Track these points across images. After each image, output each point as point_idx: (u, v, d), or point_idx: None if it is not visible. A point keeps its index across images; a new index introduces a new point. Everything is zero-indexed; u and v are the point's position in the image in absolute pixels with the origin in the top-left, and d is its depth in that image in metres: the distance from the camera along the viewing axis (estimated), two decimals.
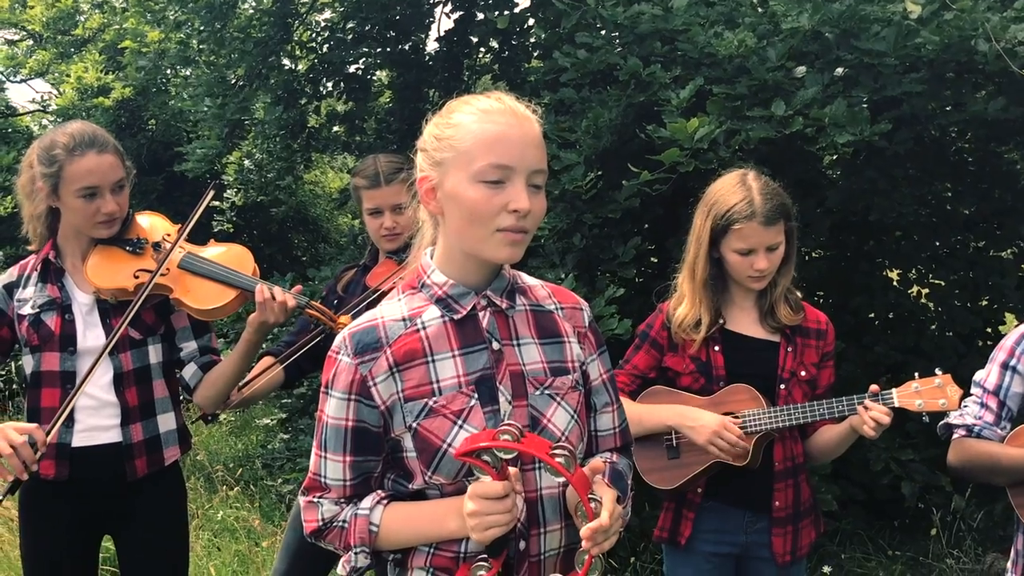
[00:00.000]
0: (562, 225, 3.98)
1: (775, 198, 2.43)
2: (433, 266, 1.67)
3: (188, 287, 2.54)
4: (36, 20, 8.61)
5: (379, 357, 1.60)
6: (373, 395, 1.60)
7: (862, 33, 3.66)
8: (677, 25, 3.99)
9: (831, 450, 2.51)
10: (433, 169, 1.61)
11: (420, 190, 1.64)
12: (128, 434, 2.52)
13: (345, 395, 1.61)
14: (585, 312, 1.79)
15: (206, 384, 2.62)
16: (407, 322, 1.64)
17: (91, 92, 8.10)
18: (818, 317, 2.56)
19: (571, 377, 1.69)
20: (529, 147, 1.57)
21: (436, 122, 1.64)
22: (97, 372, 2.45)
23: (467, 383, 1.60)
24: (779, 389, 2.47)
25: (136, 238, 2.57)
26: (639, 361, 2.60)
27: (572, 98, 4.20)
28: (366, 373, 1.60)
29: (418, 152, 1.67)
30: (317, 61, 6.47)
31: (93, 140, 2.45)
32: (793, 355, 2.49)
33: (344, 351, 1.62)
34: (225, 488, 5.11)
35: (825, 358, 2.54)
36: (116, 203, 2.48)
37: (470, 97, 1.64)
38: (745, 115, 3.61)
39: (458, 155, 1.57)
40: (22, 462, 2.24)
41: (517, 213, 1.54)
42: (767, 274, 2.44)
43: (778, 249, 2.44)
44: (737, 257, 2.44)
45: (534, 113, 1.63)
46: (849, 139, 3.43)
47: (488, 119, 1.57)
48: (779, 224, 2.42)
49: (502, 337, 1.65)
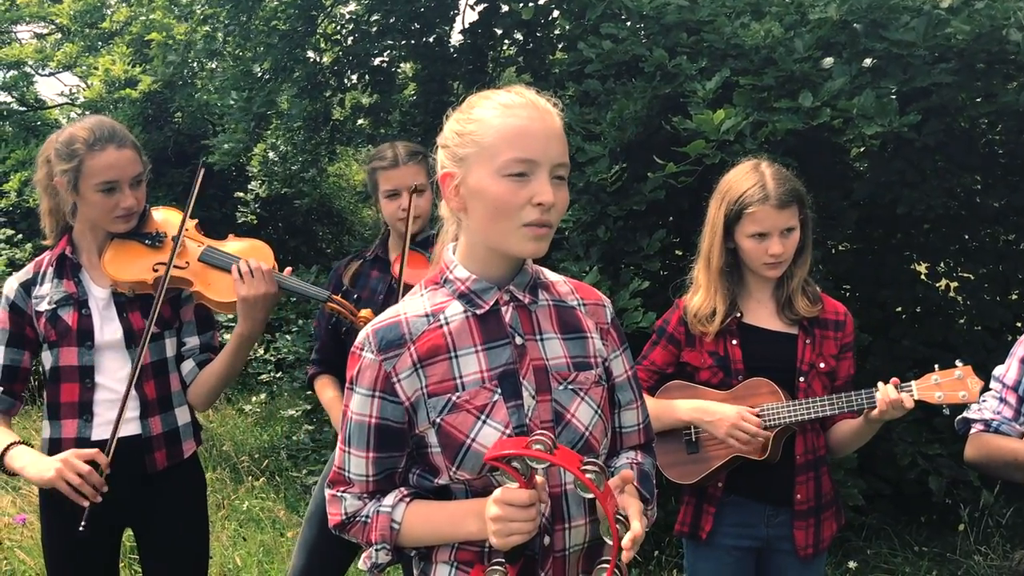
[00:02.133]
0: (586, 217, 3.97)
1: (788, 183, 2.43)
2: (455, 261, 1.68)
3: (208, 280, 2.54)
4: (64, 13, 8.68)
5: (403, 353, 1.61)
6: (397, 391, 1.61)
7: (890, 23, 3.62)
8: (703, 16, 3.96)
9: (850, 443, 2.50)
10: (455, 165, 1.61)
11: (443, 187, 1.64)
12: (148, 427, 2.53)
13: (369, 392, 1.62)
14: (607, 308, 1.79)
15: (199, 382, 2.62)
16: (430, 318, 1.64)
17: (118, 84, 8.16)
18: (836, 308, 2.54)
19: (594, 372, 1.69)
20: (552, 140, 1.57)
21: (457, 118, 1.64)
22: (114, 364, 2.48)
23: (490, 378, 1.60)
24: (798, 382, 2.45)
25: (154, 232, 2.58)
26: (656, 357, 2.59)
27: (597, 90, 4.18)
28: (390, 369, 1.61)
29: (439, 149, 1.67)
30: (342, 53, 6.48)
31: (112, 135, 2.47)
32: (812, 347, 2.47)
33: (368, 347, 1.63)
34: (251, 479, 5.15)
35: (844, 349, 2.51)
36: (135, 198, 2.48)
37: (490, 92, 1.64)
38: (772, 106, 3.58)
39: (481, 150, 1.57)
40: (92, 487, 2.32)
41: (542, 206, 1.54)
42: (782, 260, 2.43)
43: (793, 235, 2.42)
44: (751, 243, 2.43)
45: (555, 106, 1.62)
46: (877, 130, 3.40)
47: (510, 113, 1.57)
48: (792, 208, 2.40)
49: (525, 332, 1.65)
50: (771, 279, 2.49)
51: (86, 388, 2.49)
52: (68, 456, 2.33)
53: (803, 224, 2.46)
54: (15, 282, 2.56)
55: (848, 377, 2.51)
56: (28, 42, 10.14)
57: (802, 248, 2.48)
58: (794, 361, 2.46)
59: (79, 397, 2.48)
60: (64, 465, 2.31)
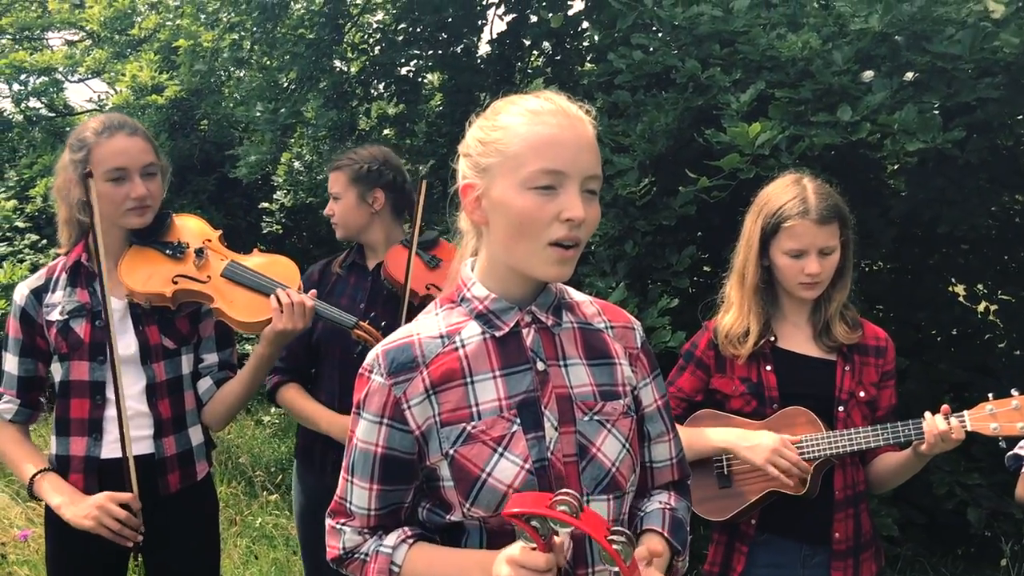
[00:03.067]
0: (614, 232, 3.86)
1: (830, 199, 2.30)
2: (474, 279, 1.56)
3: (230, 298, 2.44)
4: (94, 20, 8.69)
5: (414, 378, 1.49)
6: (407, 419, 1.49)
7: (934, 36, 3.48)
8: (738, 27, 3.84)
9: (893, 478, 2.35)
10: (478, 176, 1.50)
11: (463, 199, 1.53)
12: (161, 448, 2.43)
13: (377, 418, 1.50)
14: (637, 332, 1.66)
15: (216, 400, 2.52)
16: (445, 339, 1.53)
17: (145, 91, 8.14)
18: (877, 333, 2.40)
19: (622, 402, 1.57)
20: (583, 150, 1.45)
21: (480, 124, 1.53)
22: (127, 381, 2.37)
23: (509, 407, 1.48)
24: (837, 412, 2.31)
25: (176, 241, 2.47)
26: (684, 383, 2.45)
27: (626, 101, 4.07)
28: (400, 395, 1.49)
29: (460, 158, 1.55)
30: (368, 63, 6.42)
31: (123, 123, 2.38)
32: (851, 375, 2.33)
33: (377, 370, 1.51)
34: (265, 494, 5.05)
35: (885, 378, 2.37)
36: (146, 188, 2.37)
37: (517, 97, 1.52)
38: (809, 120, 3.45)
39: (505, 160, 1.45)
40: (133, 529, 2.28)
41: (570, 222, 1.42)
42: (820, 282, 2.29)
43: (832, 256, 2.29)
44: (787, 260, 2.30)
45: (587, 114, 1.50)
46: (920, 146, 3.26)
47: (538, 120, 1.45)
48: (833, 226, 2.27)
49: (548, 357, 1.53)
50: (807, 301, 2.36)
51: (97, 404, 2.37)
52: (104, 502, 2.25)
53: (844, 245, 2.32)
54: (26, 289, 2.43)
55: (890, 407, 2.37)
56: (59, 48, 10.16)
57: (842, 271, 2.34)
58: (832, 389, 2.31)
59: (89, 414, 2.37)
60: (101, 512, 2.24)
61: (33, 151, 8.90)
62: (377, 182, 2.94)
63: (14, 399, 2.41)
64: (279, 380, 2.96)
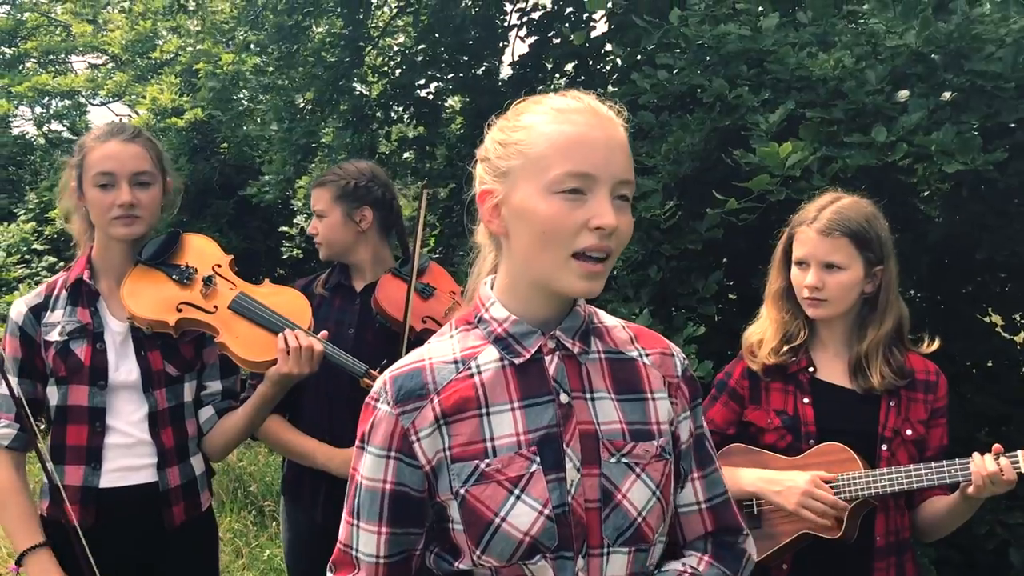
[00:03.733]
0: (637, 256, 3.73)
1: (851, 216, 2.16)
2: (493, 298, 1.42)
3: (236, 332, 2.31)
4: (116, 43, 8.71)
5: (424, 406, 1.35)
6: (416, 453, 1.35)
7: (973, 54, 3.34)
8: (766, 45, 3.72)
9: (942, 525, 2.18)
10: (497, 181, 1.36)
11: (480, 206, 1.40)
12: (165, 479, 2.30)
13: (384, 452, 1.36)
14: (677, 359, 1.50)
15: (216, 433, 2.40)
16: (459, 365, 1.39)
17: (166, 113, 8.14)
18: (927, 367, 2.24)
19: (655, 444, 1.40)
20: (614, 152, 1.31)
21: (501, 126, 1.40)
22: (129, 407, 2.25)
23: (528, 443, 1.34)
24: (880, 451, 2.14)
25: (184, 265, 2.35)
26: (716, 415, 2.31)
27: (651, 123, 3.96)
28: (408, 425, 1.35)
29: (478, 163, 1.42)
30: (389, 86, 6.35)
31: (122, 129, 2.28)
32: (897, 411, 2.16)
33: (383, 398, 1.38)
34: (275, 524, 4.91)
35: (935, 415, 2.20)
36: (134, 196, 2.24)
37: (542, 96, 1.40)
38: (842, 141, 3.32)
39: (528, 162, 1.32)
40: None
41: (601, 231, 1.28)
42: (824, 300, 2.17)
43: (840, 275, 2.15)
44: (795, 272, 2.22)
45: (618, 115, 1.37)
46: (959, 168, 3.12)
47: (564, 119, 1.32)
48: (840, 241, 2.15)
49: (573, 388, 1.38)
50: (841, 328, 2.22)
51: (96, 432, 2.25)
52: None
53: (872, 273, 2.18)
54: (23, 306, 2.30)
55: (940, 449, 2.19)
56: (82, 72, 10.23)
57: (874, 302, 2.20)
58: (875, 426, 2.15)
59: (87, 441, 2.25)
60: None
61: (54, 174, 8.90)
62: (365, 199, 2.78)
63: (12, 423, 2.29)
64: None
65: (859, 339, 2.20)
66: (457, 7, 5.49)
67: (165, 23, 8.58)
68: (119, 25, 8.61)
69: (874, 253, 2.18)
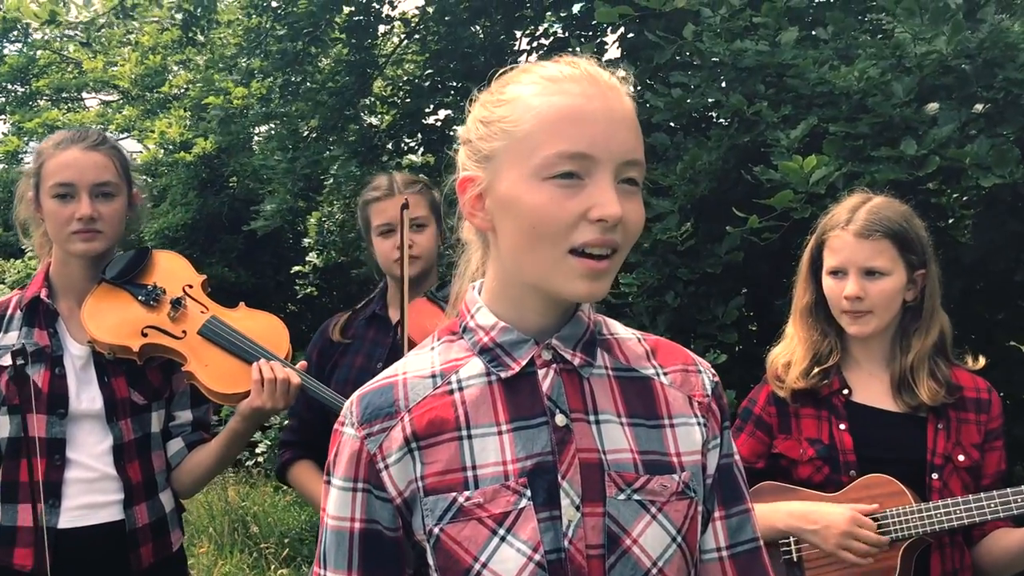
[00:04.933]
0: (653, 281, 3.53)
1: (889, 216, 1.95)
2: (480, 303, 1.20)
3: (205, 360, 2.11)
4: (125, 77, 8.65)
5: (392, 426, 1.14)
6: (384, 482, 1.14)
7: (1007, 63, 3.16)
8: (786, 59, 3.56)
9: (1010, 562, 1.91)
10: (479, 166, 1.15)
11: (462, 198, 1.18)
12: (132, 517, 2.10)
13: (349, 483, 1.15)
14: (705, 376, 1.26)
15: (184, 470, 2.20)
16: (437, 379, 1.17)
17: (174, 148, 8.05)
18: (977, 384, 2.01)
19: (676, 478, 1.16)
20: (617, 127, 1.10)
21: (484, 101, 1.19)
22: (91, 439, 2.05)
23: (516, 473, 1.11)
24: (930, 480, 1.91)
25: (152, 285, 2.16)
26: (742, 447, 2.06)
27: (664, 144, 3.79)
28: (375, 450, 1.14)
29: (460, 148, 1.21)
30: (398, 116, 6.23)
31: (84, 136, 2.11)
32: (946, 434, 1.94)
33: (348, 420, 1.17)
34: (275, 568, 4.69)
35: (990, 437, 1.98)
36: (95, 209, 2.06)
37: (532, 64, 1.19)
38: (869, 156, 3.13)
39: (513, 143, 1.11)
40: None
41: (603, 223, 1.07)
42: (866, 312, 1.94)
43: (882, 281, 1.93)
44: (829, 283, 1.99)
45: (623, 82, 1.15)
46: (996, 182, 2.93)
47: (556, 89, 1.11)
48: (881, 243, 1.93)
49: (572, 408, 1.15)
50: (878, 344, 2.00)
51: (54, 465, 2.05)
52: None
53: (914, 278, 1.97)
54: None
55: (998, 475, 1.96)
56: (93, 108, 10.19)
57: (919, 311, 1.98)
58: (923, 452, 1.92)
59: (45, 476, 2.04)
60: None
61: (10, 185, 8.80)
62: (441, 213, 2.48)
63: None
64: (290, 456, 2.53)
65: (903, 351, 1.98)
66: (466, 32, 5.36)
67: (175, 57, 8.50)
68: (127, 59, 8.55)
69: (916, 255, 1.97)
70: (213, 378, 2.09)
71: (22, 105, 10.12)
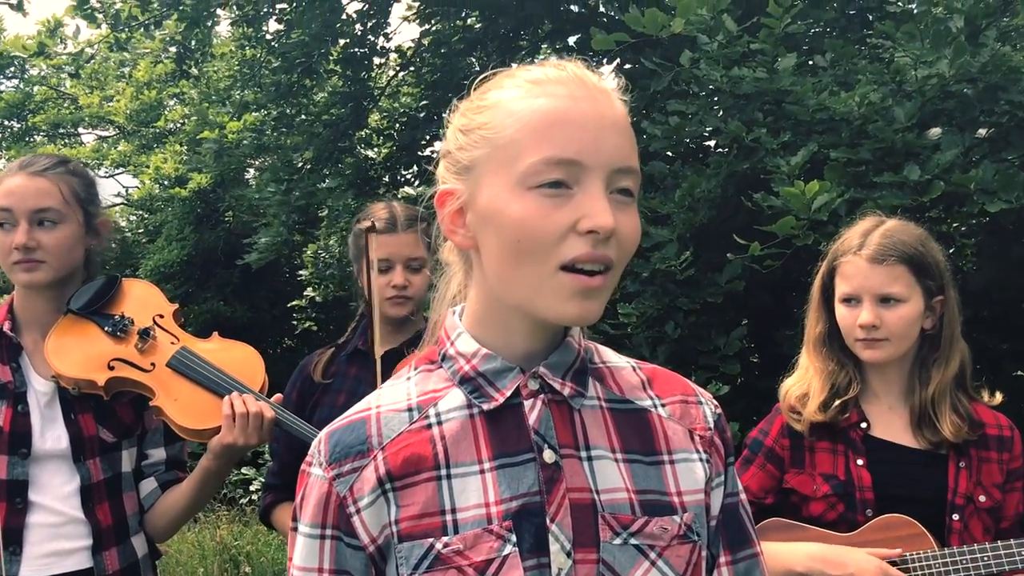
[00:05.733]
0: (652, 311, 3.46)
1: (904, 239, 1.85)
2: (460, 329, 1.10)
3: (175, 394, 1.98)
4: (120, 113, 8.65)
5: (365, 466, 1.03)
6: (355, 528, 1.03)
7: (1011, 86, 3.11)
8: (784, 85, 3.51)
9: None
10: (459, 178, 1.05)
11: (441, 213, 1.07)
12: (101, 564, 1.95)
13: (317, 529, 1.05)
14: (707, 407, 1.14)
15: (157, 512, 2.06)
16: (414, 412, 1.06)
17: (170, 182, 8.03)
18: (999, 420, 1.91)
19: (677, 520, 1.05)
20: (608, 131, 1.00)
21: (465, 109, 1.09)
22: (56, 480, 1.93)
23: (501, 516, 1.00)
24: (950, 521, 1.81)
25: (120, 315, 2.04)
26: (751, 481, 1.95)
27: (663, 172, 3.73)
28: (345, 492, 1.03)
29: (440, 160, 1.12)
30: (395, 148, 6.21)
31: (32, 162, 1.99)
32: (968, 473, 1.84)
33: (316, 459, 1.07)
34: None
35: (1012, 477, 1.87)
36: (34, 237, 1.94)
37: (515, 68, 1.09)
38: (872, 182, 3.07)
39: (495, 150, 1.01)
40: None
41: (594, 235, 0.97)
42: (882, 339, 1.84)
43: (899, 308, 1.83)
44: (842, 311, 1.88)
45: (616, 87, 1.06)
46: (1003, 207, 2.86)
47: (541, 92, 1.01)
48: (896, 268, 1.83)
49: (562, 442, 1.04)
50: (896, 376, 1.91)
51: (16, 509, 1.90)
52: None
53: (931, 304, 1.87)
54: None
55: (1018, 517, 1.86)
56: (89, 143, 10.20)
57: (938, 340, 1.89)
58: (944, 491, 1.81)
59: (5, 521, 1.89)
60: None
61: None
62: None
63: None
64: (272, 499, 2.41)
65: (922, 383, 1.88)
66: (461, 63, 5.34)
67: (170, 90, 8.52)
68: (121, 92, 8.56)
69: (933, 281, 1.88)
70: (182, 413, 1.97)
71: (18, 140, 10.12)
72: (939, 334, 1.88)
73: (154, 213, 8.91)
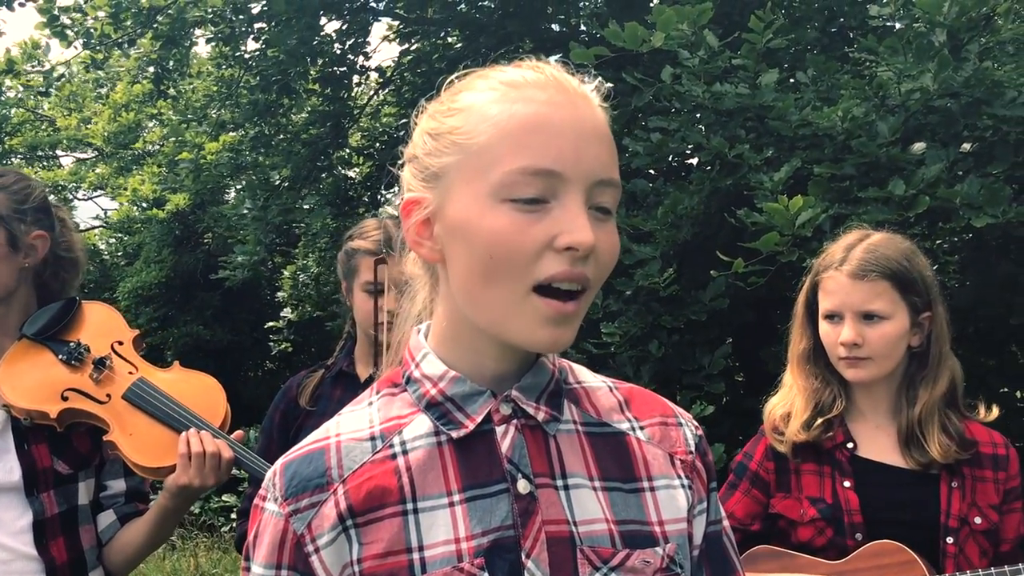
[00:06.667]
0: (635, 330, 3.40)
1: (887, 254, 1.79)
2: (426, 349, 1.03)
3: (130, 428, 1.88)
4: (98, 135, 8.57)
5: (324, 500, 0.96)
6: (314, 569, 0.95)
7: (994, 100, 3.08)
8: (766, 101, 3.47)
9: None
10: (427, 186, 0.98)
11: (406, 224, 1.00)
12: None
13: (271, 570, 0.97)
14: (687, 428, 1.08)
15: (115, 548, 1.95)
16: (377, 441, 0.99)
17: (148, 204, 7.95)
18: (992, 438, 1.84)
19: (660, 552, 0.99)
20: (588, 141, 0.93)
21: (434, 111, 1.01)
22: (8, 515, 1.82)
23: (472, 552, 0.93)
24: (944, 545, 1.74)
25: (76, 342, 1.93)
26: (736, 507, 1.89)
27: (644, 190, 3.69)
28: (302, 530, 0.95)
29: (405, 165, 1.04)
30: (374, 167, 6.16)
31: None
32: (961, 493, 1.77)
33: (271, 494, 0.99)
34: None
35: (1009, 497, 1.81)
36: None
37: (489, 69, 1.01)
38: (856, 197, 3.03)
39: (467, 157, 0.94)
40: None
41: (572, 251, 0.90)
42: (864, 358, 1.78)
43: (882, 325, 1.77)
44: (825, 327, 1.83)
45: (596, 91, 0.99)
46: (989, 221, 2.82)
47: (519, 96, 0.94)
48: (879, 284, 1.77)
49: (536, 471, 0.97)
50: (884, 394, 1.85)
51: None
52: None
53: (918, 321, 1.81)
54: None
55: (1018, 539, 1.79)
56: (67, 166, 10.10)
57: (925, 357, 1.83)
58: (936, 514, 1.75)
59: None
60: None
61: None
62: None
63: None
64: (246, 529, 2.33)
65: (909, 403, 1.82)
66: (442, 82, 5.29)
67: (148, 110, 8.44)
68: (99, 114, 8.49)
69: (919, 297, 1.82)
70: (137, 449, 1.86)
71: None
72: (927, 351, 1.82)
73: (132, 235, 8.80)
